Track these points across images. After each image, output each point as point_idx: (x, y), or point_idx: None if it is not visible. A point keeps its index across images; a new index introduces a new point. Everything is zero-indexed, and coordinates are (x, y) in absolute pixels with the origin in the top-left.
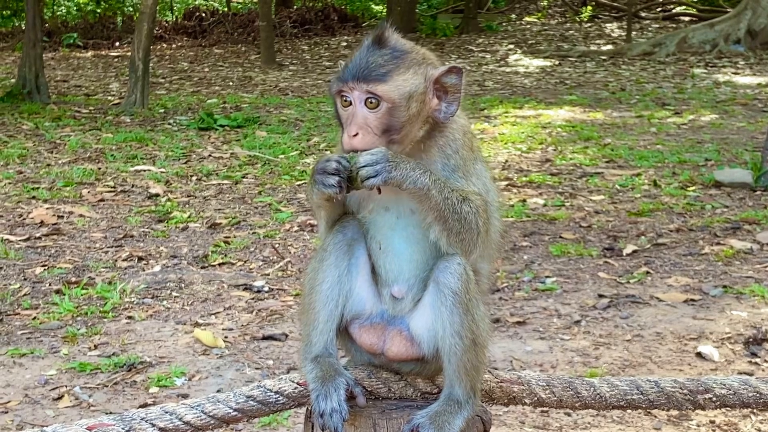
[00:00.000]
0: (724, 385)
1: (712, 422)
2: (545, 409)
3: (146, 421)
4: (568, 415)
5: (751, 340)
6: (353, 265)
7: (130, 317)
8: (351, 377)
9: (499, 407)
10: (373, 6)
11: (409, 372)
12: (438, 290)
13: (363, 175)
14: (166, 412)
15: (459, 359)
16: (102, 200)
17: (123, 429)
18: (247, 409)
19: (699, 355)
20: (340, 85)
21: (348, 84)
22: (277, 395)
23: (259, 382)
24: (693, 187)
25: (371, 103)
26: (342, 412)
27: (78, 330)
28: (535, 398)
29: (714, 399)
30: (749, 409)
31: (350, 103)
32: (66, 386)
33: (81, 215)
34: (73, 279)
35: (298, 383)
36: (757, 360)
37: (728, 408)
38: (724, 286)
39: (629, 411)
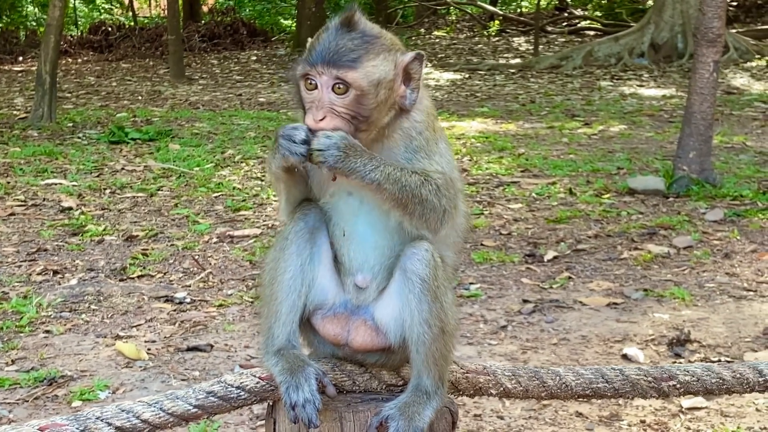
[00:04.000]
0: (688, 371)
1: (643, 422)
2: (478, 413)
3: (102, 420)
4: (501, 418)
5: (674, 341)
6: (315, 253)
7: (47, 331)
8: (319, 367)
9: None
10: (282, 21)
11: (373, 363)
12: (405, 277)
13: (314, 157)
14: (123, 410)
15: (427, 348)
16: (12, 214)
17: (77, 429)
18: (208, 405)
19: (625, 356)
20: (308, 68)
21: (316, 68)
22: (239, 390)
23: (220, 378)
24: (608, 195)
25: (339, 88)
26: (315, 402)
27: None
28: (502, 389)
29: (678, 386)
30: (679, 409)
31: (316, 87)
32: None
33: None
34: None
35: (260, 378)
36: (681, 360)
37: (692, 395)
38: (645, 290)
39: (561, 412)
